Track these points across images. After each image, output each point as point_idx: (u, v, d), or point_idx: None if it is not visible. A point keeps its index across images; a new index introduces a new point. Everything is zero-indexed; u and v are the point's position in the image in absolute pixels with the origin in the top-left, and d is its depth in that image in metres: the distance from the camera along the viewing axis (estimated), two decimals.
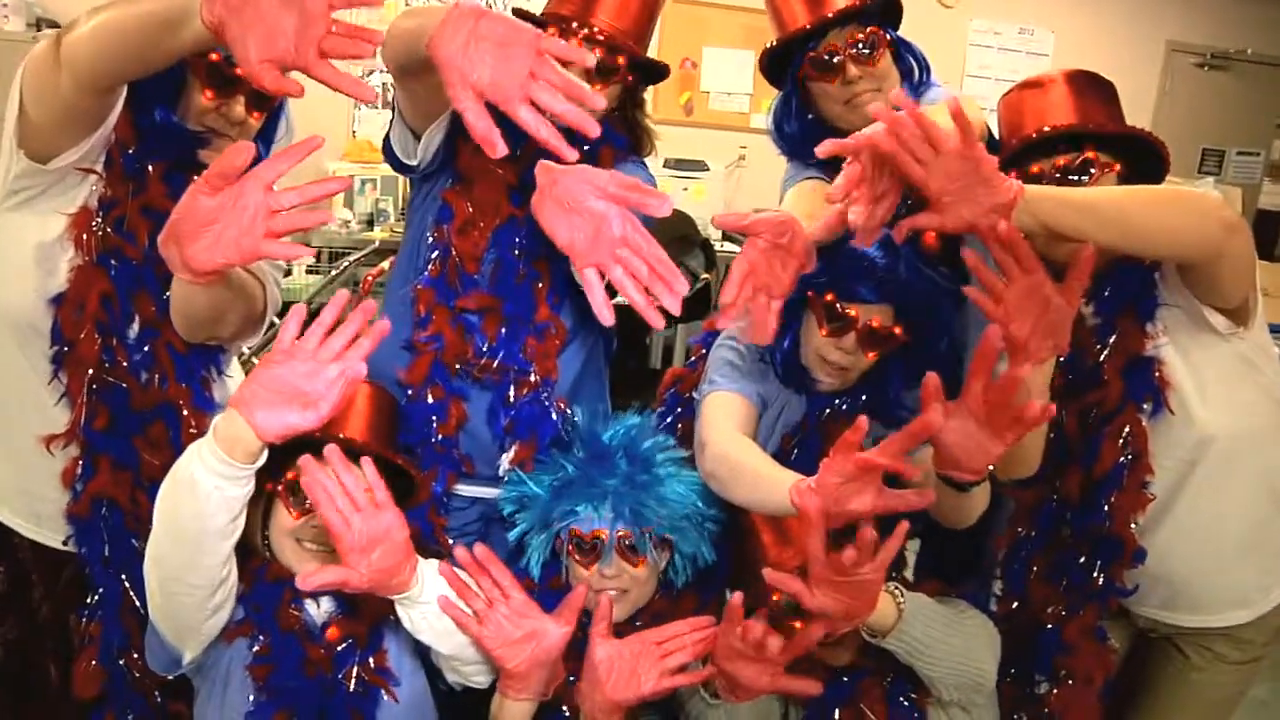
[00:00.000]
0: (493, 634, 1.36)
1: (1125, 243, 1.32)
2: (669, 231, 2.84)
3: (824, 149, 1.28)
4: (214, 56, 1.31)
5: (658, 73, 1.60)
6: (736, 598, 1.31)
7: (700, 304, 3.78)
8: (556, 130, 1.09)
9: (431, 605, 1.35)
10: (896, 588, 1.36)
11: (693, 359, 1.82)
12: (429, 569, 1.36)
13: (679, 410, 1.77)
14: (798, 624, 1.30)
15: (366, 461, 1.28)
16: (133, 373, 1.39)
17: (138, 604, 1.43)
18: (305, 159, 1.11)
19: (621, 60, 1.50)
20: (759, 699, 1.48)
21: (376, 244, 4.17)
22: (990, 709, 1.51)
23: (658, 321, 1.18)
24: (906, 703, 1.45)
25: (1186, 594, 1.56)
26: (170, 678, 1.43)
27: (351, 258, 3.97)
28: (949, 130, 1.18)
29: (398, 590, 1.31)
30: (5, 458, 1.46)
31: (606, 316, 1.18)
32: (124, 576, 1.43)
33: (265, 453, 1.20)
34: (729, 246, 4.66)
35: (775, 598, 1.32)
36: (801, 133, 1.71)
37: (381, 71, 4.83)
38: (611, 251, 1.18)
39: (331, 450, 1.24)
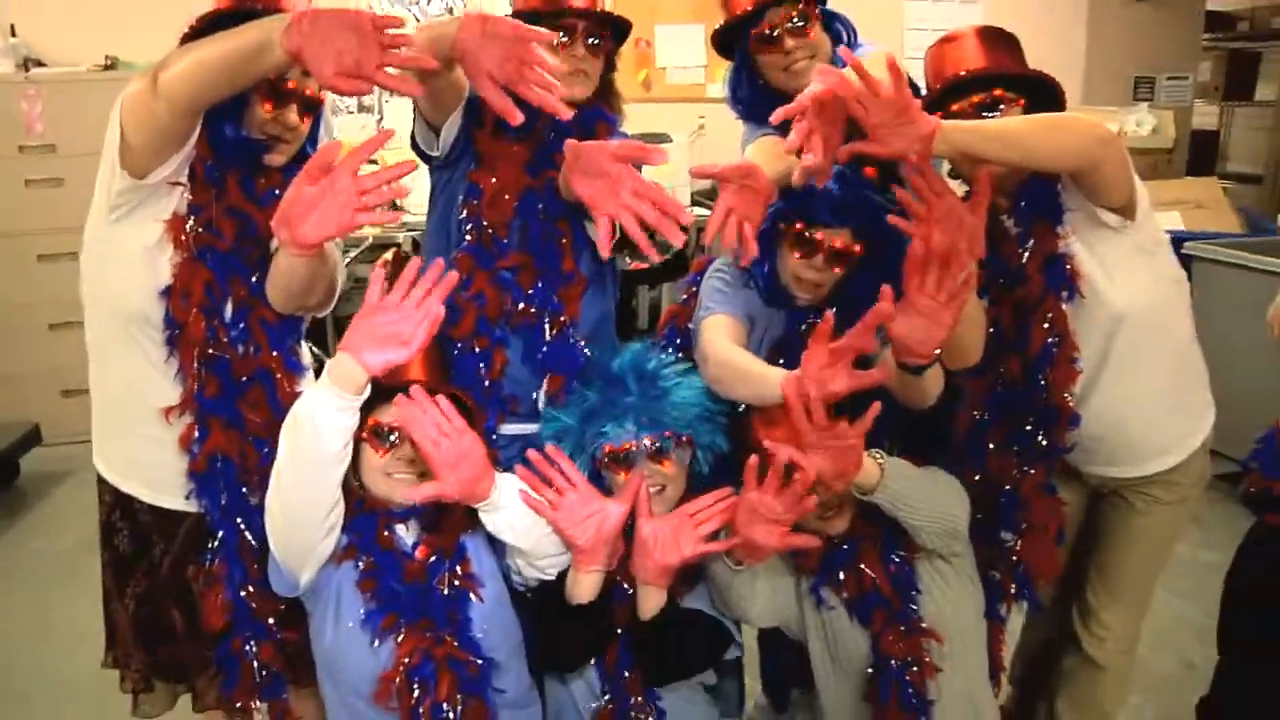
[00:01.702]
0: (565, 516, 1.65)
1: (1023, 161, 1.62)
2: None
3: (777, 116, 1.58)
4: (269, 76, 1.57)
5: (625, 30, 1.89)
6: (752, 460, 1.60)
7: (679, 263, 4.09)
8: (555, 99, 1.48)
9: (510, 509, 1.63)
10: (878, 452, 1.65)
11: (684, 296, 2.10)
12: (505, 481, 1.65)
13: (678, 340, 2.04)
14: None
15: (440, 396, 1.56)
16: (233, 346, 1.65)
17: (253, 544, 1.69)
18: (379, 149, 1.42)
19: (606, 32, 1.81)
20: (775, 569, 1.77)
21: (370, 240, 4.41)
22: (968, 559, 1.80)
23: (655, 256, 1.55)
24: (898, 559, 1.73)
25: (1123, 450, 1.87)
26: (282, 608, 1.72)
27: (350, 255, 4.21)
28: (884, 78, 1.47)
29: (481, 498, 1.60)
30: (124, 437, 1.73)
31: (605, 251, 1.56)
32: (239, 521, 1.69)
33: (369, 387, 1.48)
34: (699, 211, 4.93)
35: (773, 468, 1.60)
36: (753, 98, 2.02)
37: None
38: (621, 202, 1.52)
39: (416, 390, 1.54)
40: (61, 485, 4.00)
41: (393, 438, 1.59)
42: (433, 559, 1.63)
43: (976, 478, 1.89)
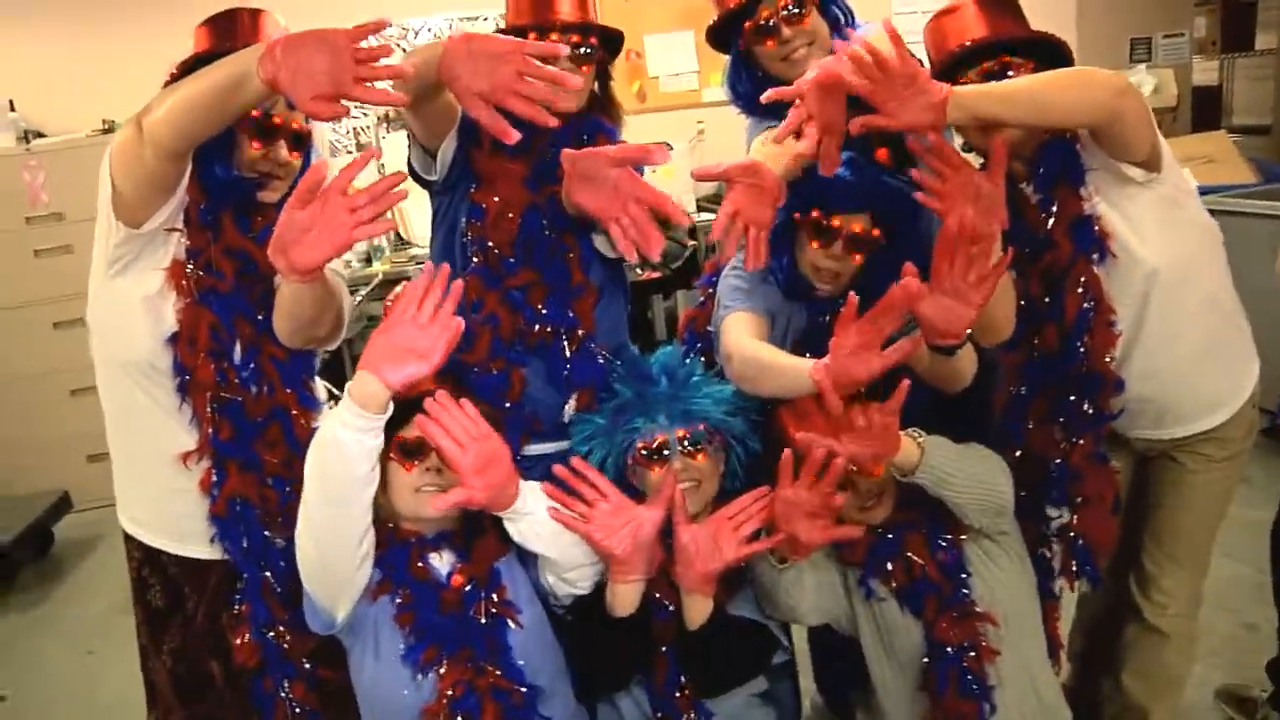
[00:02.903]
0: (599, 527, 1.61)
1: (1040, 120, 1.57)
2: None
3: (769, 95, 1.57)
4: (255, 113, 1.55)
5: (617, 41, 1.85)
6: (787, 455, 1.56)
7: (690, 270, 4.06)
8: (542, 110, 1.43)
9: (535, 515, 1.60)
10: (916, 430, 1.60)
11: (702, 299, 2.06)
12: (530, 487, 1.61)
13: (698, 345, 2.02)
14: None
15: (465, 401, 1.53)
16: (244, 387, 1.63)
17: (276, 586, 1.67)
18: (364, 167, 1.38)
19: (595, 40, 1.77)
20: (820, 566, 1.73)
21: (380, 277, 4.41)
22: (1016, 537, 1.74)
23: (654, 255, 1.55)
24: (944, 544, 1.68)
25: (1170, 410, 1.81)
26: (314, 646, 1.69)
27: (361, 294, 4.21)
28: (889, 51, 1.43)
29: (508, 504, 1.56)
30: (147, 487, 1.70)
31: (633, 255, 1.51)
32: (262, 563, 1.67)
33: (391, 405, 1.45)
34: (705, 216, 4.91)
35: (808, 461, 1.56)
36: (753, 91, 1.95)
37: (352, 117, 5.08)
38: (626, 206, 1.49)
39: (442, 394, 1.51)
40: (95, 550, 4.00)
41: (416, 450, 1.57)
42: (469, 587, 1.60)
43: (1018, 454, 1.84)
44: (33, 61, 4.74)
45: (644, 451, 1.69)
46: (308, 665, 1.71)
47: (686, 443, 1.69)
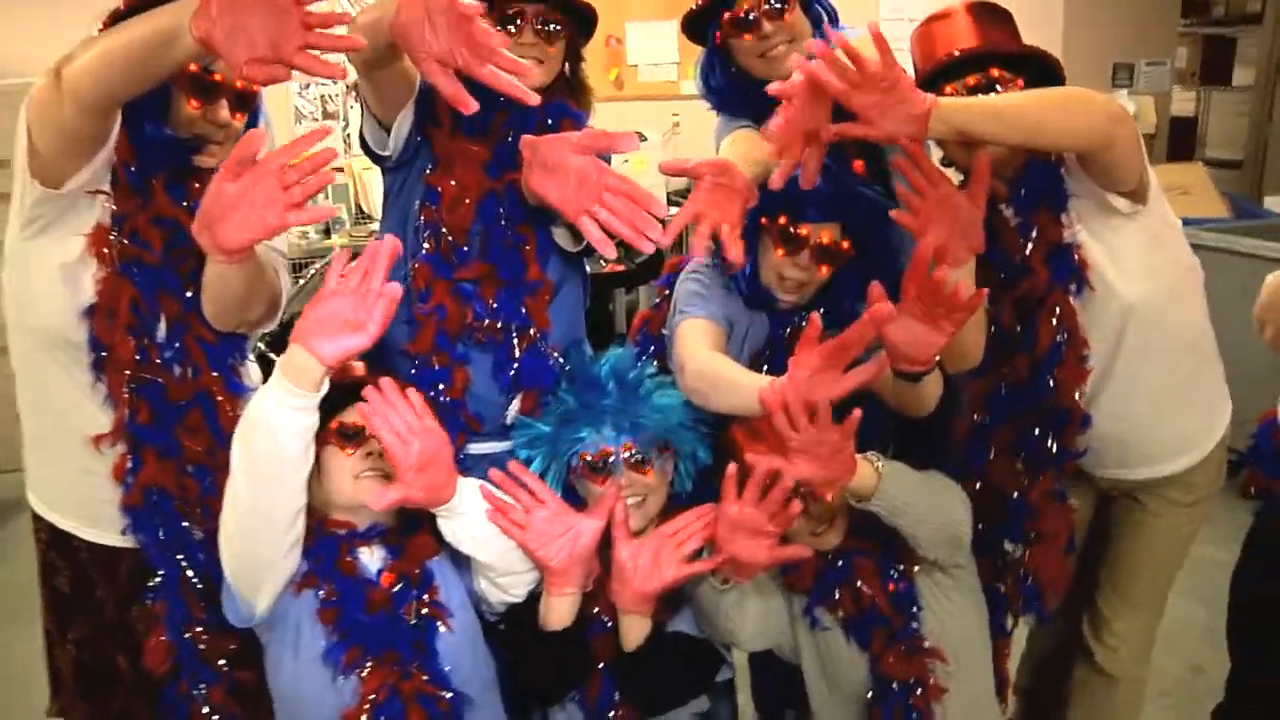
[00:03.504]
0: (534, 536, 1.53)
1: (1028, 140, 1.49)
2: None
3: (772, 89, 1.44)
4: (194, 67, 1.43)
5: (590, 21, 1.74)
6: (731, 468, 1.48)
7: (655, 263, 3.98)
8: (515, 81, 1.30)
9: (470, 515, 1.51)
10: (874, 455, 1.53)
11: (658, 299, 1.97)
12: (468, 485, 1.52)
13: (651, 348, 1.91)
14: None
15: (412, 391, 1.44)
16: (166, 368, 1.51)
17: (196, 582, 1.57)
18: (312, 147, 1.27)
19: (561, 16, 1.65)
20: (765, 589, 1.66)
21: (337, 250, 4.28)
22: (970, 573, 1.69)
23: (648, 247, 1.40)
24: (896, 574, 1.61)
25: (1136, 450, 1.76)
26: (234, 647, 1.60)
27: (317, 265, 4.08)
28: (872, 55, 1.34)
29: (444, 501, 1.48)
30: (58, 468, 1.59)
31: (610, 251, 1.40)
32: (180, 557, 1.56)
33: (326, 382, 1.35)
34: (674, 210, 4.82)
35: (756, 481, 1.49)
36: (727, 86, 1.88)
37: (319, 84, 4.92)
38: (597, 197, 1.38)
39: (388, 383, 1.42)
40: (21, 512, 3.82)
41: (354, 435, 1.48)
42: (399, 586, 1.51)
43: (977, 485, 1.78)
44: None
45: (588, 463, 1.61)
46: (225, 667, 1.61)
47: (633, 456, 1.60)
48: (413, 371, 1.65)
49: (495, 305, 1.66)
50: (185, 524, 1.55)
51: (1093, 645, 1.92)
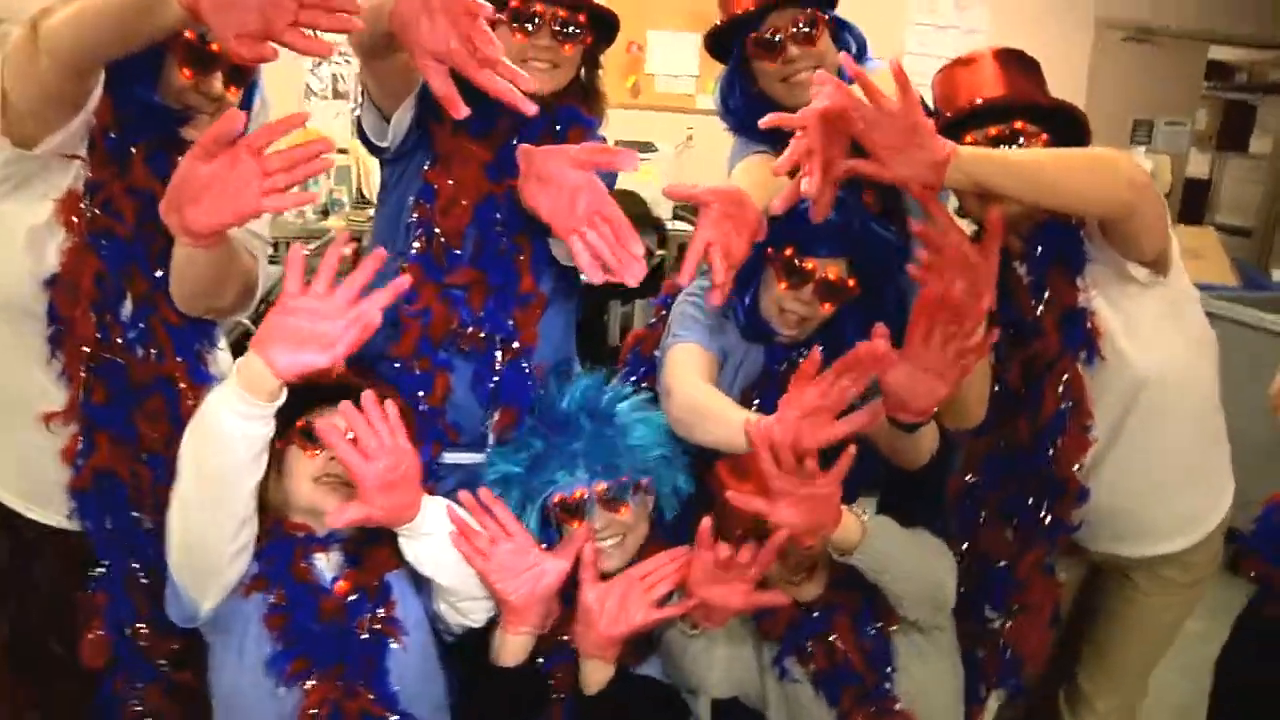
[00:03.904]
0: (496, 568, 1.45)
1: (1046, 200, 1.42)
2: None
3: (768, 121, 1.39)
4: (190, 35, 1.35)
5: (611, 26, 1.65)
6: (706, 522, 1.42)
7: (654, 279, 3.89)
8: (513, 89, 1.21)
9: (433, 537, 1.43)
10: (861, 508, 1.47)
11: (653, 320, 1.91)
12: (431, 503, 1.44)
13: (642, 369, 1.85)
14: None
15: (391, 405, 1.36)
16: (128, 349, 1.43)
17: (141, 576, 1.49)
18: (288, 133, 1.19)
19: (583, 18, 1.57)
20: (734, 635, 1.59)
21: (333, 233, 4.19)
22: (949, 636, 1.63)
23: (630, 280, 1.33)
24: (873, 631, 1.55)
25: (1134, 527, 1.69)
26: (176, 647, 1.52)
27: (310, 247, 4.00)
28: (891, 92, 1.28)
29: (407, 521, 1.40)
30: (5, 440, 1.50)
31: (597, 276, 1.31)
32: (127, 549, 1.48)
33: (285, 392, 1.27)
34: (679, 225, 4.77)
35: (738, 522, 1.44)
36: (746, 108, 1.81)
37: (332, 63, 4.86)
38: (587, 217, 1.30)
39: (369, 399, 1.33)
40: None
41: (318, 438, 1.40)
42: (354, 597, 1.44)
43: (964, 546, 1.72)
44: None
45: (562, 505, 1.53)
46: (165, 666, 1.53)
47: (606, 497, 1.53)
48: (391, 374, 1.58)
49: (482, 314, 1.59)
50: (135, 514, 1.48)
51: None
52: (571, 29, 1.56)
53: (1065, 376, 1.57)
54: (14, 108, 1.28)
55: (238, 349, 1.72)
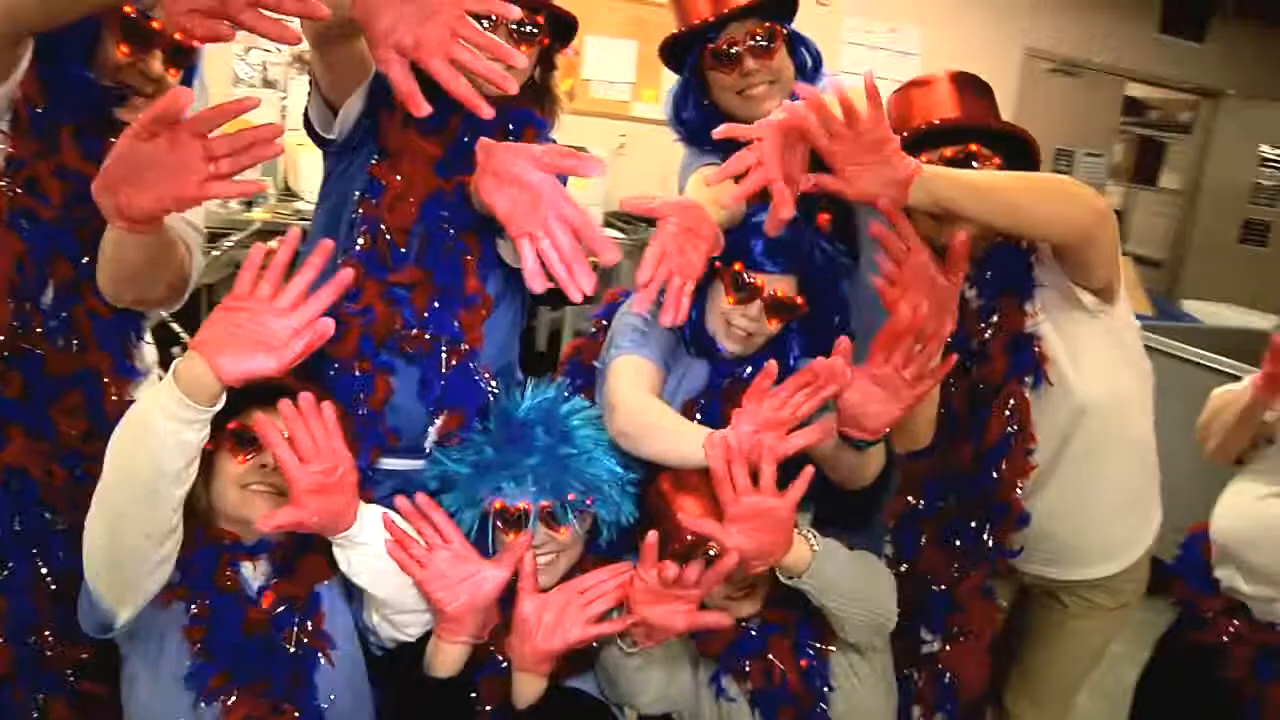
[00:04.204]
0: (434, 576, 1.40)
1: (1007, 223, 1.43)
2: None
3: (721, 132, 1.37)
4: (129, 9, 1.28)
5: (569, 27, 1.62)
6: (651, 536, 1.39)
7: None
8: (473, 87, 1.14)
9: (370, 547, 1.38)
10: (810, 531, 1.46)
11: (594, 330, 1.87)
12: (368, 512, 1.39)
13: (579, 380, 1.81)
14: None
15: (329, 406, 1.30)
16: (48, 339, 1.35)
17: (49, 581, 1.40)
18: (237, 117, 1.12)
19: (541, 19, 1.53)
20: (671, 652, 1.57)
21: (258, 225, 4.05)
22: (885, 656, 1.63)
23: (576, 296, 1.23)
24: (812, 651, 1.54)
25: (1066, 551, 1.71)
26: (84, 656, 1.44)
27: (232, 238, 3.86)
28: (863, 108, 1.27)
29: (342, 529, 1.34)
30: None
31: (538, 285, 1.23)
32: (35, 551, 1.39)
33: (224, 397, 1.21)
34: (612, 234, 4.74)
35: (683, 541, 1.41)
36: (699, 119, 1.80)
37: (263, 50, 4.70)
38: (544, 222, 1.23)
39: (308, 400, 1.27)
40: None
41: (251, 442, 1.34)
42: (281, 609, 1.37)
43: (902, 569, 1.73)
44: None
45: (501, 514, 1.48)
46: (72, 677, 1.44)
47: (548, 514, 1.48)
48: (331, 375, 1.51)
49: (427, 315, 1.53)
50: (46, 515, 1.39)
51: None
52: (529, 29, 1.52)
53: (1011, 401, 1.58)
54: None
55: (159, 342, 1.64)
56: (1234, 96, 6.57)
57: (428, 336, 1.53)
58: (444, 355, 1.54)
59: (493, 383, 1.60)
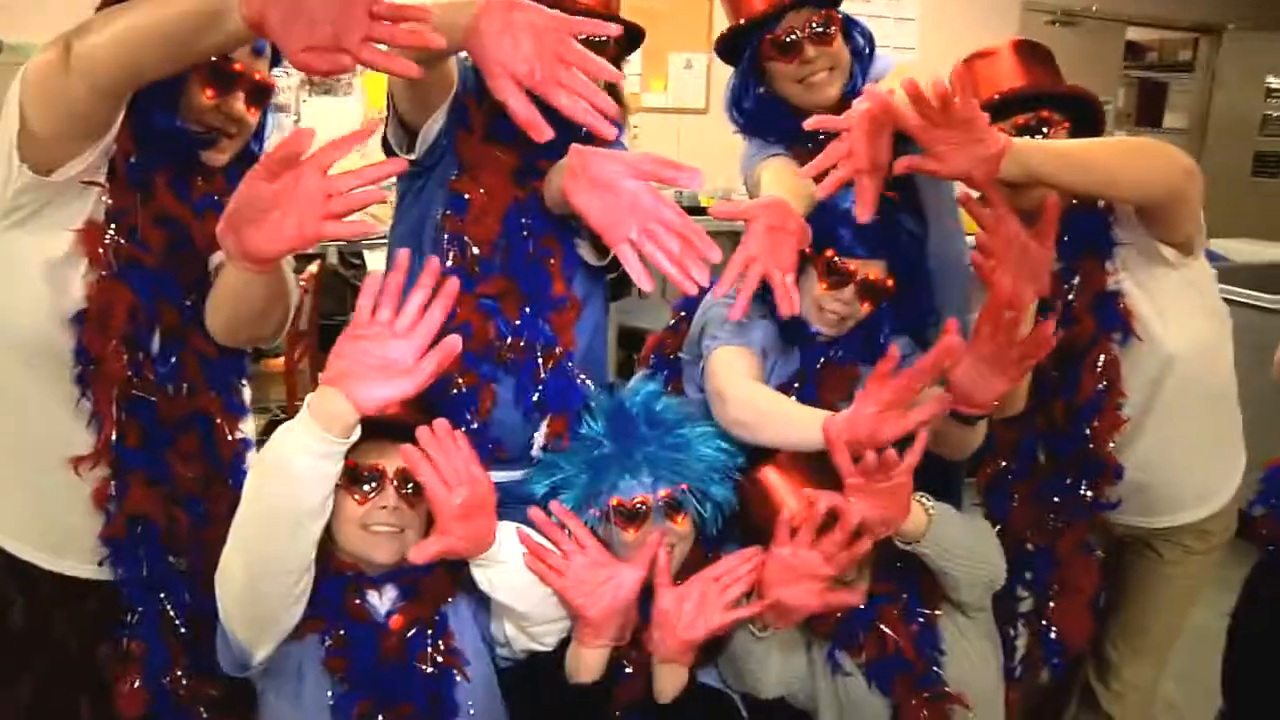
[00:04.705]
0: (574, 584, 1.42)
1: (1100, 189, 1.46)
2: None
3: (812, 123, 1.39)
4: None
5: (637, 38, 1.64)
6: (785, 514, 1.42)
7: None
8: (592, 109, 1.16)
9: (509, 564, 1.39)
10: (924, 496, 1.48)
11: (673, 321, 1.88)
12: (505, 530, 1.40)
13: (665, 372, 1.83)
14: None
15: (461, 435, 1.32)
16: (160, 385, 1.36)
17: (178, 623, 1.42)
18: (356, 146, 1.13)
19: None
20: (787, 636, 1.58)
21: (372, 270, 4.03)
22: (989, 617, 1.66)
23: (691, 289, 1.26)
24: (922, 618, 1.57)
25: (1160, 499, 1.73)
26: (214, 693, 1.46)
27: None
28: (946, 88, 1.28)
29: (485, 550, 1.36)
30: (20, 490, 1.41)
31: (646, 284, 1.25)
32: (163, 595, 1.41)
33: (359, 428, 1.22)
34: None
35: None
36: (758, 110, 1.81)
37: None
38: (642, 226, 1.24)
39: (443, 425, 1.30)
40: None
41: (372, 482, 1.35)
42: (412, 632, 1.38)
43: (996, 530, 1.73)
44: None
45: (620, 510, 1.49)
46: (205, 714, 1.46)
47: (668, 504, 1.50)
48: (434, 393, 1.52)
49: (518, 323, 1.55)
50: (171, 558, 1.40)
51: (1098, 690, 1.89)
52: (600, 40, 1.53)
53: (1102, 358, 1.60)
54: (33, 134, 1.20)
55: None
56: (1235, 30, 6.54)
57: (522, 344, 1.55)
58: (539, 361, 1.56)
59: (588, 382, 1.61)
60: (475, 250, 1.52)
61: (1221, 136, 6.63)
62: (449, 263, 1.52)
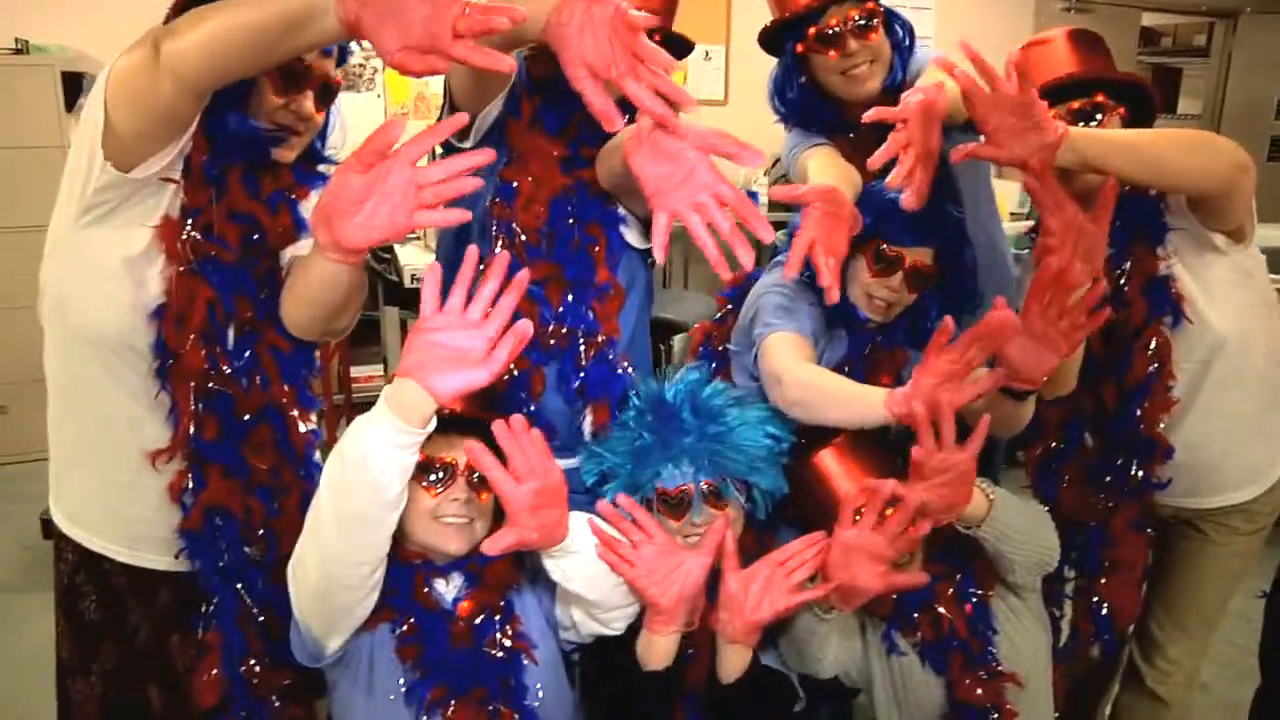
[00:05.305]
0: (644, 573, 1.44)
1: (1152, 177, 1.49)
2: None
3: (871, 115, 1.43)
4: None
5: (686, 48, 1.66)
6: (848, 496, 1.45)
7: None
8: (661, 101, 1.17)
9: (581, 554, 1.41)
10: (984, 481, 1.50)
11: (720, 313, 1.91)
12: (575, 519, 1.42)
13: (714, 363, 1.86)
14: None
15: (536, 431, 1.33)
16: (235, 379, 1.38)
17: (254, 610, 1.45)
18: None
19: (658, 39, 1.56)
20: (843, 618, 1.61)
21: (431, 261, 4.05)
22: (1038, 597, 1.68)
23: (726, 274, 1.26)
24: (975, 598, 1.60)
25: (1207, 480, 1.75)
26: (287, 682, 1.49)
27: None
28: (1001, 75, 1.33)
29: (558, 542, 1.38)
30: (96, 484, 1.44)
31: (660, 255, 1.23)
32: (240, 586, 1.44)
33: (434, 418, 1.24)
34: None
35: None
36: (801, 101, 1.84)
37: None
38: (692, 201, 1.22)
39: (519, 420, 1.30)
40: None
41: (443, 475, 1.37)
42: (480, 618, 1.41)
43: (1045, 510, 1.75)
44: None
45: (665, 499, 1.52)
46: (277, 702, 1.48)
47: (711, 493, 1.53)
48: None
49: (562, 309, 1.58)
50: (247, 549, 1.43)
51: (1143, 668, 1.91)
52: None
53: (1154, 341, 1.63)
54: (118, 132, 1.22)
55: None
56: (1250, 15, 6.53)
57: (565, 330, 1.57)
58: (582, 348, 1.58)
59: (632, 370, 1.64)
60: (523, 237, 1.55)
61: (1236, 122, 6.61)
62: (497, 249, 1.55)
